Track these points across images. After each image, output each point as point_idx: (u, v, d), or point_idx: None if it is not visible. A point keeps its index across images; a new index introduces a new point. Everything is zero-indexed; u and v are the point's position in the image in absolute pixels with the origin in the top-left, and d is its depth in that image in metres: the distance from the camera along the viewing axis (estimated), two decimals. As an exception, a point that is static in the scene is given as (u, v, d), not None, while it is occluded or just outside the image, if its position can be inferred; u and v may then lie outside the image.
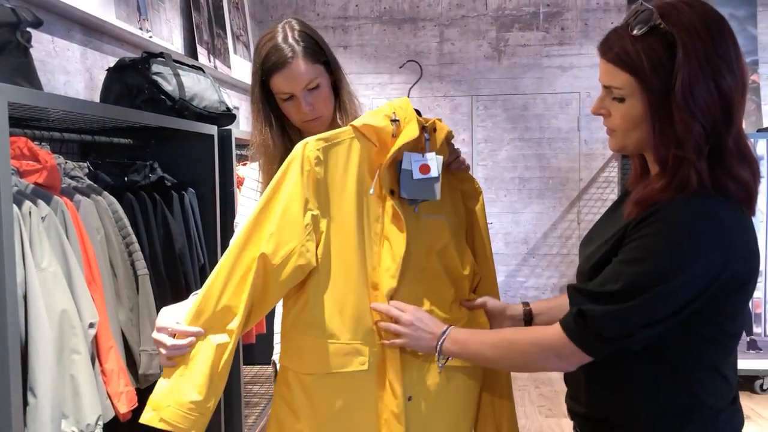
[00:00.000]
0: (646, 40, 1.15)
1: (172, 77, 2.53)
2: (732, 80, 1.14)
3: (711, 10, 1.17)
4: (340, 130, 1.40)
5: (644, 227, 1.14)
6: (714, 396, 1.20)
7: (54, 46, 2.47)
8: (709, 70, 1.12)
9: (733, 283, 1.14)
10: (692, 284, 1.11)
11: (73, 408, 1.62)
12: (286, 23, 1.58)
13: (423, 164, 1.38)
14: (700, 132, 1.12)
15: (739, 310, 1.19)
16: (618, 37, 1.19)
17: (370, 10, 5.01)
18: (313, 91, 1.56)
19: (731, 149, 1.14)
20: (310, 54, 1.55)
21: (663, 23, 1.13)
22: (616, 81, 1.19)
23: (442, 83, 5.03)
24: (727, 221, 1.13)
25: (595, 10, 4.89)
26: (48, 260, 1.61)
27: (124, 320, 2.03)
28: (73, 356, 1.64)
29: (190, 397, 1.26)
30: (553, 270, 4.98)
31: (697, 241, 1.10)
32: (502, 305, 1.51)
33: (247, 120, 4.78)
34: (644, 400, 1.20)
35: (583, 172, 4.97)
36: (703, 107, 1.12)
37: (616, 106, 1.21)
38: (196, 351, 1.28)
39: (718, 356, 1.20)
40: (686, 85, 1.12)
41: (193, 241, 2.51)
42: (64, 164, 2.03)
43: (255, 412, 3.54)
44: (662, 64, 1.14)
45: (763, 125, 4.58)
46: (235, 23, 4.47)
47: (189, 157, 2.63)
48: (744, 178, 1.14)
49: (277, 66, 1.53)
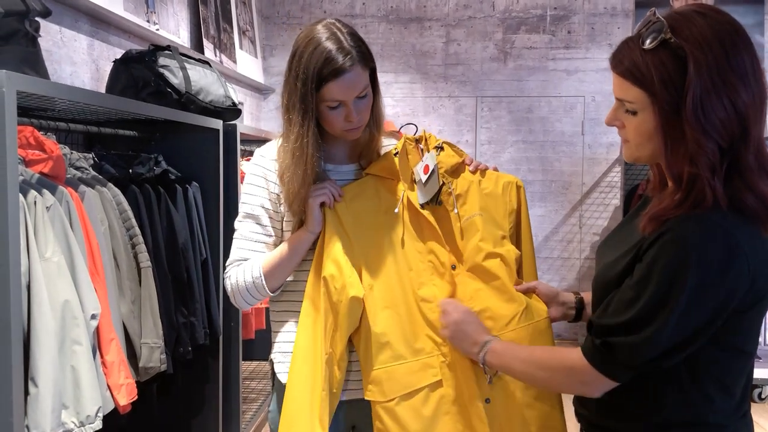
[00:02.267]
0: (657, 54, 1.11)
1: (179, 70, 2.53)
2: (747, 95, 1.10)
3: (726, 20, 1.13)
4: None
5: (656, 248, 1.12)
6: (722, 413, 1.17)
7: (61, 37, 2.47)
8: (722, 85, 1.08)
9: (746, 301, 1.11)
10: (707, 307, 1.09)
11: (73, 399, 1.62)
12: (332, 24, 1.44)
13: (424, 167, 1.52)
14: (713, 149, 1.09)
15: (753, 329, 1.17)
16: (629, 50, 1.16)
17: (377, 8, 5.00)
18: (362, 99, 1.46)
19: (751, 164, 1.11)
20: (365, 60, 1.44)
21: (673, 37, 1.10)
22: (628, 95, 1.17)
23: (447, 84, 5.03)
24: (740, 240, 1.09)
25: (602, 15, 4.88)
26: (52, 250, 1.61)
27: (125, 312, 2.02)
28: (75, 347, 1.63)
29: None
30: (554, 273, 4.97)
31: (709, 264, 1.07)
32: (553, 291, 1.52)
33: (251, 115, 4.78)
34: (650, 412, 1.19)
35: (586, 177, 4.97)
36: (716, 124, 1.09)
37: (630, 118, 1.18)
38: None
39: (730, 374, 1.18)
40: (697, 102, 1.08)
41: (195, 235, 2.50)
42: (70, 155, 2.03)
43: (252, 408, 3.53)
44: (672, 81, 1.10)
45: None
46: (242, 18, 4.47)
47: (193, 150, 2.63)
48: (764, 192, 1.11)
49: (337, 73, 1.39)
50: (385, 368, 1.46)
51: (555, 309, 1.53)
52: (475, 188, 1.56)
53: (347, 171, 1.59)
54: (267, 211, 1.53)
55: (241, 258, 1.53)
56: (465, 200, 1.55)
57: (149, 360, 2.06)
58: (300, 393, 1.44)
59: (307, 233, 1.48)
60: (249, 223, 1.53)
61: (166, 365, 2.14)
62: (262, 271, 1.48)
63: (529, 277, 1.58)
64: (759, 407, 3.99)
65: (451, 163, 1.55)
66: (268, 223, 1.53)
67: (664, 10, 1.18)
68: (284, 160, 1.48)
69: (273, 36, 5.06)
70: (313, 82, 1.40)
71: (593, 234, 4.96)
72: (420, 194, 1.52)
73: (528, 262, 1.60)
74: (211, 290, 2.60)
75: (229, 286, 1.53)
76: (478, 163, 1.60)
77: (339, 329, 1.45)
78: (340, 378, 1.47)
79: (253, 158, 1.59)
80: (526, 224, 1.61)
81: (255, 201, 1.53)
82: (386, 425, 1.45)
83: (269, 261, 1.50)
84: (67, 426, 1.60)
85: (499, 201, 1.57)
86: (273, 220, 1.54)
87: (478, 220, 1.53)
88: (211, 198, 2.67)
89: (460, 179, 1.56)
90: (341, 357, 1.46)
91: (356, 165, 1.59)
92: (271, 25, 5.05)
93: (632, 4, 4.82)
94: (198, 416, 2.75)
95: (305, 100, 1.42)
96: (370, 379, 1.47)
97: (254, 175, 1.55)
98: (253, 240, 1.53)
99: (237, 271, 1.52)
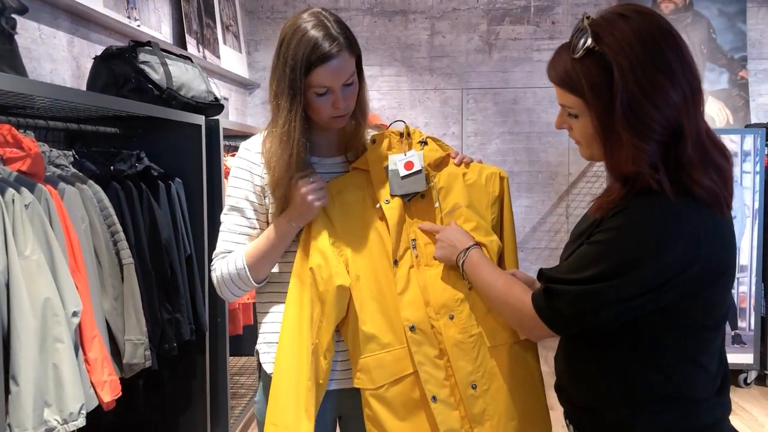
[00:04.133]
0: (585, 62, 1.15)
1: (160, 66, 2.52)
2: (677, 93, 1.12)
3: (649, 21, 1.15)
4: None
5: (611, 219, 1.17)
6: (693, 387, 1.21)
7: (40, 34, 2.45)
8: (649, 87, 1.11)
9: (705, 276, 1.15)
10: (652, 275, 1.12)
11: (55, 397, 1.62)
12: (318, 12, 1.46)
13: (407, 162, 1.52)
14: (653, 148, 1.13)
15: (715, 303, 1.20)
16: (561, 59, 1.20)
17: (361, 2, 4.99)
18: (349, 86, 1.48)
19: (691, 158, 1.14)
20: (351, 47, 1.46)
21: (597, 45, 1.13)
22: (567, 101, 1.22)
23: (432, 76, 5.03)
24: (692, 215, 1.13)
25: (585, 5, 4.89)
26: (31, 248, 1.61)
27: (108, 309, 2.02)
28: (56, 345, 1.63)
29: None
30: (542, 263, 4.99)
31: (660, 234, 1.12)
32: (530, 278, 1.56)
33: (236, 110, 4.77)
34: (622, 388, 1.22)
35: (572, 167, 4.99)
36: (649, 126, 1.12)
37: (574, 122, 1.23)
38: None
39: (697, 348, 1.21)
40: (626, 107, 1.11)
41: (179, 231, 2.50)
42: (49, 152, 2.02)
43: (242, 403, 3.54)
44: (601, 88, 1.13)
45: (752, 121, 4.61)
46: (225, 13, 4.45)
47: (176, 147, 2.62)
48: (707, 185, 1.14)
49: (324, 58, 1.41)
50: (373, 356, 1.47)
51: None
52: (460, 180, 1.58)
53: (333, 164, 1.59)
54: (252, 204, 1.54)
55: (225, 250, 1.54)
56: (448, 192, 1.56)
57: (133, 357, 2.06)
58: (286, 384, 1.45)
59: (291, 225, 1.49)
60: (234, 216, 1.55)
61: (150, 362, 2.14)
62: (245, 262, 1.49)
63: (510, 267, 1.60)
64: (744, 392, 4.03)
65: (435, 156, 1.58)
66: (252, 215, 1.54)
67: (596, 13, 1.20)
68: (272, 146, 1.49)
69: (257, 31, 5.04)
70: (301, 68, 1.42)
71: (580, 224, 4.99)
72: (395, 185, 1.53)
73: (510, 252, 1.62)
74: (196, 286, 2.60)
75: (215, 278, 1.54)
76: (463, 156, 1.62)
77: (326, 319, 1.46)
78: (326, 368, 1.48)
79: (238, 152, 1.60)
80: (509, 215, 1.62)
81: (239, 194, 1.54)
82: (376, 412, 1.47)
83: (253, 251, 1.50)
84: (50, 424, 1.60)
85: (482, 191, 1.59)
86: (257, 212, 1.55)
87: (462, 212, 1.55)
88: (194, 194, 2.67)
89: (443, 172, 1.58)
90: (328, 347, 1.47)
91: (342, 157, 1.61)
92: (255, 20, 5.03)
93: (616, -6, 4.84)
94: (186, 412, 2.75)
95: (294, 86, 1.43)
96: (358, 367, 1.48)
97: (239, 168, 1.56)
98: (237, 232, 1.54)
99: (222, 264, 1.52)
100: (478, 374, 1.46)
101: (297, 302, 1.49)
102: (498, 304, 1.38)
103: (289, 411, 1.43)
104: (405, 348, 1.48)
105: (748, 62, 4.69)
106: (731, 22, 4.68)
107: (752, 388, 4.10)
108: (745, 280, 4.08)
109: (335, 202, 1.53)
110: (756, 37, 4.74)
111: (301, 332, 1.47)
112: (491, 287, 1.39)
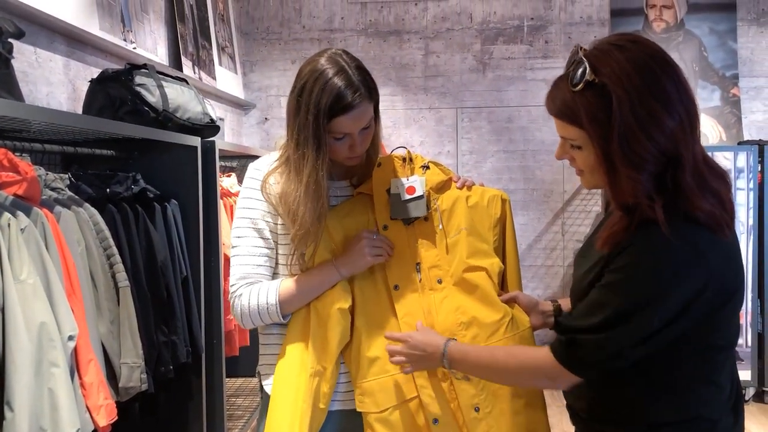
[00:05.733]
0: (584, 94, 1.15)
1: (156, 89, 2.53)
2: (673, 121, 1.12)
3: (643, 50, 1.15)
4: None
5: (623, 257, 1.16)
6: (710, 407, 1.20)
7: (36, 57, 2.46)
8: (646, 117, 1.11)
9: (717, 300, 1.14)
10: (672, 306, 1.12)
11: (50, 422, 1.60)
12: (338, 57, 1.46)
13: (409, 186, 1.54)
14: (647, 179, 1.13)
15: (726, 324, 1.20)
16: (559, 91, 1.20)
17: (356, 22, 5.03)
18: (366, 129, 1.49)
19: (689, 184, 1.14)
20: (371, 94, 1.47)
21: (596, 77, 1.13)
22: (568, 133, 1.21)
23: (427, 95, 5.06)
24: (700, 242, 1.13)
25: (578, 24, 4.94)
26: (27, 272, 1.60)
27: (104, 332, 2.01)
28: (52, 369, 1.62)
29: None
30: (538, 282, 4.99)
31: (672, 266, 1.12)
32: (533, 300, 1.55)
33: (232, 131, 4.78)
34: (640, 412, 1.22)
35: (567, 184, 5.01)
36: (645, 157, 1.12)
37: (577, 152, 1.23)
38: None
39: (712, 369, 1.21)
40: (623, 139, 1.11)
41: (175, 253, 2.49)
42: (45, 176, 2.02)
43: (238, 425, 3.51)
44: (600, 119, 1.13)
45: (744, 138, 4.64)
46: (221, 35, 4.48)
47: (172, 168, 2.62)
48: (707, 210, 1.14)
49: (347, 108, 1.42)
50: (377, 380, 1.47)
51: (535, 318, 1.56)
52: (462, 203, 1.59)
53: (338, 187, 1.61)
54: (268, 224, 1.54)
55: (246, 274, 1.52)
56: (451, 215, 1.57)
57: (129, 380, 2.05)
58: (283, 405, 1.45)
59: (338, 272, 1.49)
60: (251, 238, 1.53)
61: (146, 385, 2.13)
62: (278, 299, 1.48)
63: (513, 288, 1.61)
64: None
65: (437, 180, 1.60)
66: (269, 236, 1.54)
67: (590, 44, 1.20)
68: (294, 192, 1.46)
69: (252, 52, 5.07)
70: (324, 117, 1.42)
71: (576, 241, 4.99)
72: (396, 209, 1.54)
73: (512, 274, 1.62)
74: (192, 308, 2.59)
75: (238, 306, 1.52)
76: (465, 179, 1.63)
77: (329, 344, 1.46)
78: (328, 393, 1.47)
79: (248, 173, 1.59)
80: (511, 236, 1.63)
81: (255, 214, 1.53)
82: None
83: (288, 290, 1.49)
84: (46, 449, 1.58)
85: (484, 213, 1.60)
86: (273, 233, 1.54)
87: (464, 236, 1.56)
88: (190, 215, 2.67)
89: (446, 195, 1.60)
90: (332, 373, 1.47)
91: (347, 182, 1.62)
92: (250, 41, 5.06)
93: (608, 14, 4.88)
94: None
95: (317, 135, 1.43)
96: (361, 390, 1.48)
97: (252, 189, 1.56)
98: (256, 255, 1.53)
99: (250, 292, 1.50)
100: (480, 397, 1.46)
101: (299, 325, 1.49)
102: (511, 376, 1.34)
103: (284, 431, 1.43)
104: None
105: (740, 80, 4.73)
106: (722, 41, 4.73)
107: (750, 405, 4.10)
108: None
109: (340, 226, 1.54)
110: (747, 55, 4.79)
111: (301, 354, 1.47)
112: (493, 366, 1.33)
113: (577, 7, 4.94)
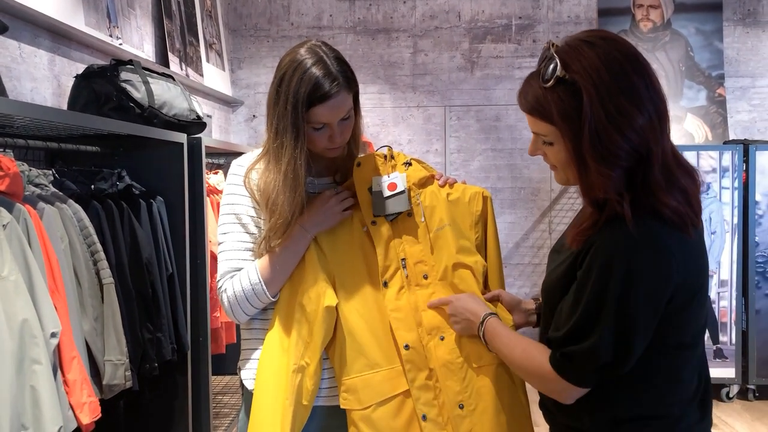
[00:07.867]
0: (555, 90, 1.16)
1: (141, 85, 2.52)
2: (643, 118, 1.13)
3: (614, 47, 1.16)
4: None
5: (589, 258, 1.17)
6: (673, 403, 1.22)
7: (21, 52, 2.44)
8: (616, 114, 1.12)
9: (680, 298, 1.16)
10: (644, 309, 1.13)
11: (32, 419, 1.59)
12: (317, 48, 1.47)
13: (390, 183, 1.54)
14: (618, 175, 1.14)
15: (689, 322, 1.21)
16: (531, 87, 1.21)
17: (344, 20, 5.03)
18: (345, 120, 1.49)
19: (658, 180, 1.15)
20: (350, 84, 1.47)
21: (567, 73, 1.14)
22: (539, 129, 1.22)
23: (415, 93, 5.06)
24: (666, 241, 1.15)
25: (566, 23, 4.96)
26: (9, 269, 1.59)
27: (88, 330, 2.00)
28: (34, 366, 1.61)
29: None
30: (525, 279, 5.01)
31: (638, 269, 1.13)
32: (516, 299, 1.56)
33: (220, 128, 4.76)
34: (604, 407, 1.22)
35: (554, 183, 5.02)
36: (616, 153, 1.13)
37: (548, 148, 1.24)
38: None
39: (675, 366, 1.22)
40: (594, 135, 1.12)
41: (161, 250, 2.48)
42: (28, 171, 2.00)
43: (224, 423, 3.50)
44: (571, 115, 1.14)
45: (730, 137, 4.68)
46: (208, 31, 4.45)
47: (158, 165, 2.61)
48: (674, 206, 1.15)
49: (324, 97, 1.42)
50: (360, 377, 1.47)
51: (518, 316, 1.57)
52: (443, 198, 1.60)
53: (322, 184, 1.61)
54: (253, 219, 1.54)
55: (233, 269, 1.52)
56: (433, 210, 1.58)
57: (113, 377, 2.04)
58: (266, 401, 1.45)
59: (303, 230, 1.50)
60: (236, 233, 1.53)
61: (131, 382, 2.12)
62: (260, 276, 1.48)
63: (495, 287, 1.61)
64: (726, 406, 4.05)
65: (419, 176, 1.60)
66: (255, 231, 1.54)
67: (560, 40, 1.20)
68: (273, 182, 1.48)
69: (240, 49, 5.05)
70: (302, 106, 1.43)
71: (563, 240, 5.01)
72: (378, 206, 1.55)
73: (494, 272, 1.63)
74: (178, 305, 2.58)
75: (225, 299, 1.52)
76: (447, 177, 1.64)
77: (313, 340, 1.46)
78: (312, 389, 1.47)
79: (231, 169, 1.59)
80: (493, 234, 1.63)
81: (240, 210, 1.54)
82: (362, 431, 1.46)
83: (266, 265, 1.49)
84: (27, 447, 1.57)
85: (465, 210, 1.60)
86: (258, 227, 1.54)
87: (447, 231, 1.56)
88: (176, 212, 2.65)
89: (427, 191, 1.60)
90: (315, 370, 1.46)
91: (330, 179, 1.62)
92: (238, 38, 5.04)
93: (595, 13, 4.91)
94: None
95: (296, 124, 1.44)
96: (345, 387, 1.48)
97: (235, 184, 1.56)
98: (242, 249, 1.53)
99: (232, 283, 1.51)
100: (465, 394, 1.47)
101: (282, 321, 1.49)
102: (522, 374, 1.38)
103: (268, 428, 1.42)
104: (393, 369, 1.48)
105: (726, 80, 4.77)
106: (708, 41, 4.76)
107: (734, 403, 4.13)
108: (726, 295, 4.11)
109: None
110: (732, 55, 4.82)
111: (283, 351, 1.47)
112: (509, 357, 1.36)
113: (565, 7, 4.96)
